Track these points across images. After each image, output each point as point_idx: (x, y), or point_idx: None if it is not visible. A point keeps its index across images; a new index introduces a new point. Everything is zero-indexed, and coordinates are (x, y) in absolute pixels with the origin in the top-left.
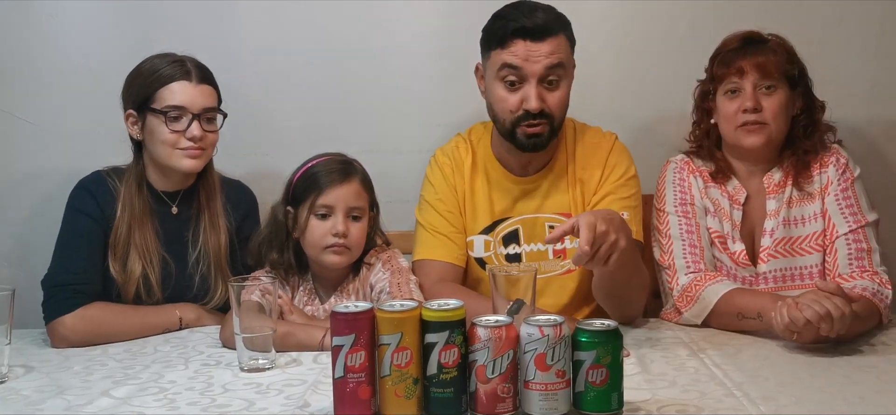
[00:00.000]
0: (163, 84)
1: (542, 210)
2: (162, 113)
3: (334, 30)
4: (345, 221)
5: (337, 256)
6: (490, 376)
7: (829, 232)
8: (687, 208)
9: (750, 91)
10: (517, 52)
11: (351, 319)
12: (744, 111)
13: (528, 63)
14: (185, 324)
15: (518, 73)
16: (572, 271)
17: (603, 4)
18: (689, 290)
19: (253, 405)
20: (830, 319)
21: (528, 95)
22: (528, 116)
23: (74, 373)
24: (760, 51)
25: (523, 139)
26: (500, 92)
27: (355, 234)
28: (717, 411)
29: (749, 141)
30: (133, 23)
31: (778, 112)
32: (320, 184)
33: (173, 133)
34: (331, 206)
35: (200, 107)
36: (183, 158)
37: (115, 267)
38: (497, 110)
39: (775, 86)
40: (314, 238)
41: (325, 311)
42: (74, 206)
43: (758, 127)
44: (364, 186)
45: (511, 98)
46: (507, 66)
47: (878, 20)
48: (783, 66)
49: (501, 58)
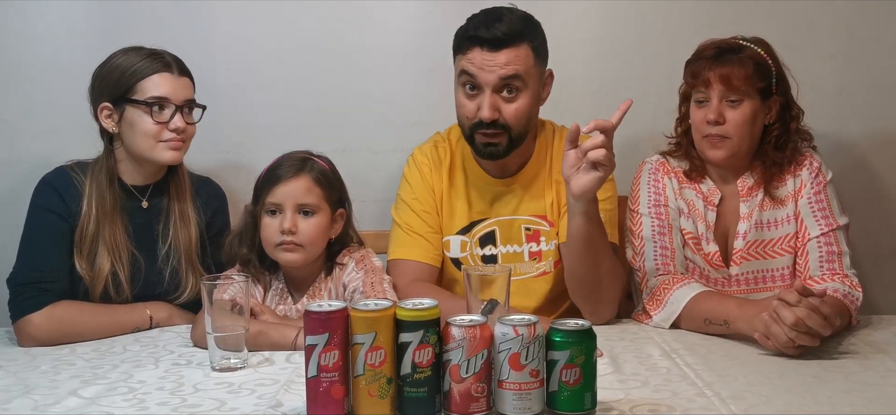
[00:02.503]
0: (144, 76)
1: (518, 212)
2: (146, 104)
3: (308, 28)
4: (292, 217)
5: (288, 254)
6: (464, 375)
7: (801, 235)
8: (661, 210)
9: (715, 103)
10: (473, 60)
11: (325, 318)
12: (707, 122)
13: (482, 72)
14: (155, 323)
15: (474, 80)
16: (547, 274)
17: (578, 6)
18: (658, 293)
19: (224, 405)
20: (803, 325)
21: (481, 104)
22: (482, 124)
23: (42, 372)
24: (729, 62)
25: (480, 146)
26: (459, 97)
27: (306, 230)
28: (688, 411)
29: (711, 154)
30: (103, 19)
31: (741, 125)
32: (271, 181)
33: (157, 124)
34: (278, 203)
35: (182, 98)
36: (165, 150)
37: (82, 265)
38: (458, 115)
39: (741, 99)
40: (266, 236)
41: (298, 310)
42: (39, 203)
43: (719, 140)
44: (318, 183)
45: (469, 104)
46: (464, 73)
47: (847, 24)
48: (751, 79)
49: (461, 64)
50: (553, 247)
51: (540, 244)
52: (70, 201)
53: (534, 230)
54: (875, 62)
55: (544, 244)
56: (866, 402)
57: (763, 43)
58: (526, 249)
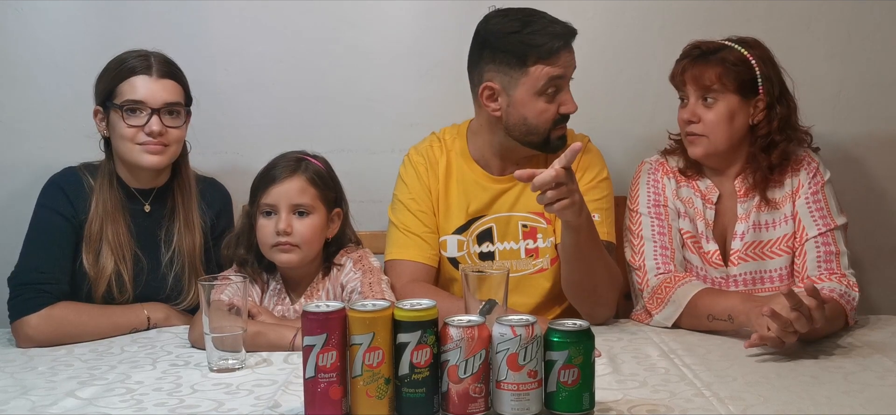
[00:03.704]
0: (123, 79)
1: (516, 209)
2: (119, 107)
3: (307, 28)
4: (287, 218)
5: (285, 255)
6: (462, 376)
7: (799, 234)
8: (660, 210)
9: (691, 102)
10: (561, 62)
11: (323, 318)
12: (685, 121)
13: (569, 69)
14: (153, 324)
15: (561, 82)
16: (544, 271)
17: (575, 6)
18: (660, 291)
19: (222, 406)
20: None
21: (565, 100)
22: (565, 118)
23: (39, 373)
24: (701, 63)
25: (556, 140)
26: (539, 104)
27: (302, 230)
28: (686, 411)
29: (690, 152)
30: (103, 20)
31: (716, 124)
32: (265, 182)
33: (130, 128)
34: (273, 204)
35: (161, 102)
36: (143, 154)
37: (89, 260)
38: (537, 122)
39: (716, 98)
40: (262, 237)
41: (296, 311)
42: (45, 203)
43: (695, 138)
44: (313, 183)
45: (551, 107)
46: (555, 79)
47: (846, 23)
48: (722, 78)
49: (544, 71)
50: (550, 244)
51: (536, 241)
52: (76, 202)
53: (530, 227)
54: (873, 62)
55: (541, 242)
56: (864, 402)
57: (752, 42)
58: (522, 246)
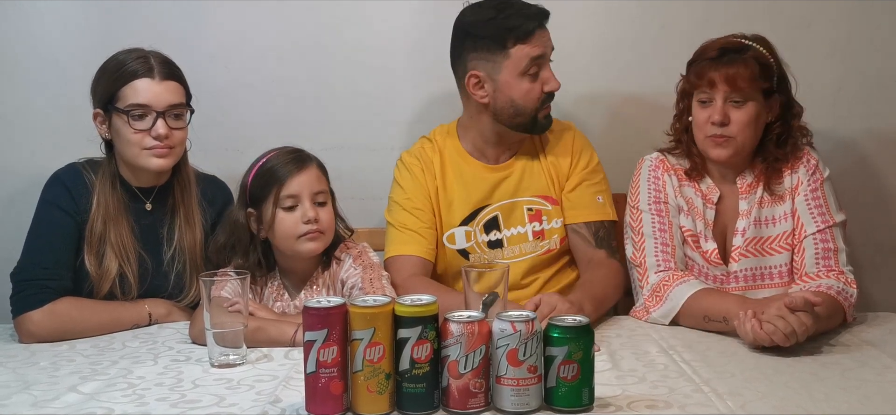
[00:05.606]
0: (126, 82)
1: (519, 194)
2: (125, 112)
3: (305, 26)
4: (313, 207)
5: (313, 243)
6: (462, 371)
7: (798, 231)
8: (661, 207)
9: (719, 104)
10: (540, 42)
11: (324, 314)
12: (712, 123)
13: (547, 48)
14: (154, 319)
15: (542, 61)
16: (552, 251)
17: (578, 4)
18: (658, 289)
19: (223, 401)
20: (794, 335)
21: (547, 79)
22: (550, 96)
23: (41, 368)
24: (733, 63)
25: (542, 120)
26: (523, 85)
27: (325, 218)
28: (685, 407)
29: (715, 153)
30: (101, 17)
31: (746, 126)
32: (280, 176)
33: (138, 133)
34: (295, 194)
35: (165, 104)
36: (150, 158)
37: (91, 262)
38: (523, 103)
39: (745, 99)
40: (285, 230)
41: (296, 307)
42: (48, 199)
43: (724, 140)
44: (322, 171)
45: (535, 87)
46: (535, 59)
47: (845, 22)
48: (755, 80)
49: (524, 52)
50: (558, 225)
51: (542, 223)
52: (79, 198)
53: (536, 210)
54: (873, 60)
55: (547, 223)
56: (862, 398)
57: (764, 41)
58: (529, 229)
